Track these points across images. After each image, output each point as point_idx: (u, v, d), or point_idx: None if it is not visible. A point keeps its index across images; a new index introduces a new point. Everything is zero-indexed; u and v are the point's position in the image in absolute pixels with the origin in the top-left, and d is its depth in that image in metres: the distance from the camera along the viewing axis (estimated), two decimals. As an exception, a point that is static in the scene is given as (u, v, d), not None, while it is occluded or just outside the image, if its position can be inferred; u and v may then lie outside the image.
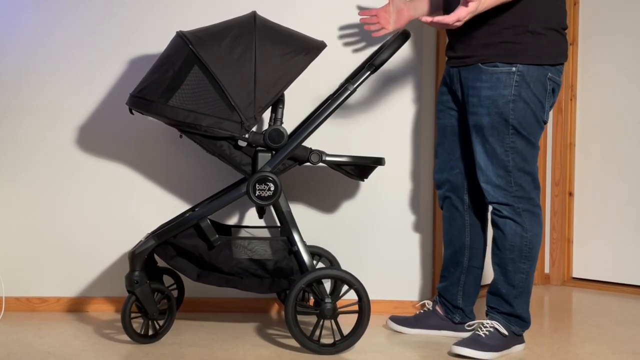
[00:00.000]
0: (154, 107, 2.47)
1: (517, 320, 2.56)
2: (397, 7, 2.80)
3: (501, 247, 2.54)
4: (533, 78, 2.45)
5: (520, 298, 2.55)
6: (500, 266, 2.55)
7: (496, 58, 2.45)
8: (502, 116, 2.45)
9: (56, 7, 3.03)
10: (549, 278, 3.86)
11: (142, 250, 2.54)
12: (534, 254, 2.54)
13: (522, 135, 2.47)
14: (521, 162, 2.48)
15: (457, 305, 2.74)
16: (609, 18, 3.70)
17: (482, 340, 2.49)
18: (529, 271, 2.55)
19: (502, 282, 2.55)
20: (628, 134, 3.65)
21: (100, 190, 3.05)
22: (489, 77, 2.46)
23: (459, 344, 2.48)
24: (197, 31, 2.53)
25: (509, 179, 2.48)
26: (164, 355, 2.47)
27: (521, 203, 2.50)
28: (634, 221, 3.63)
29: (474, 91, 2.49)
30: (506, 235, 2.52)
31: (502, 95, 2.44)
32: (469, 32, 2.49)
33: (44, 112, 3.04)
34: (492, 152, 2.48)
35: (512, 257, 2.52)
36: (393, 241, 3.09)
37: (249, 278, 2.57)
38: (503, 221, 2.52)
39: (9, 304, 3.03)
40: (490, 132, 2.47)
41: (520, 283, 2.54)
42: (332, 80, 2.99)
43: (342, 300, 2.62)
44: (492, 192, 2.51)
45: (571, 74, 3.79)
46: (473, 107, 2.50)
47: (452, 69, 2.60)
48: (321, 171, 3.06)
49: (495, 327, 2.52)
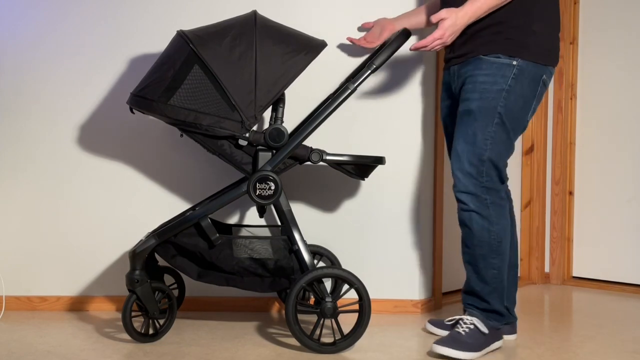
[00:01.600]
0: (155, 106, 2.47)
1: (494, 315, 2.57)
2: (383, 26, 2.89)
3: (470, 245, 2.55)
4: (530, 75, 2.49)
5: (495, 293, 2.57)
6: (471, 264, 2.57)
7: (499, 50, 2.49)
8: (492, 102, 2.48)
9: (56, 7, 3.03)
10: (549, 277, 3.86)
11: (142, 249, 2.54)
12: (503, 248, 2.55)
13: (505, 127, 2.50)
14: (496, 155, 2.51)
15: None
16: (608, 17, 3.70)
17: (462, 339, 2.48)
18: (500, 266, 2.56)
19: (474, 280, 2.57)
20: (628, 133, 3.65)
21: (100, 189, 3.06)
22: (488, 66, 2.50)
23: (440, 342, 2.47)
24: (197, 30, 2.53)
25: (482, 168, 2.51)
26: (164, 354, 2.47)
27: (489, 194, 2.52)
28: (634, 220, 3.63)
29: (471, 79, 2.53)
30: (473, 232, 2.53)
31: (498, 82, 2.48)
32: (472, 31, 2.53)
33: (44, 111, 3.04)
34: (472, 138, 2.50)
35: (482, 253, 2.53)
36: (393, 240, 3.10)
37: (249, 277, 2.57)
38: (469, 216, 2.52)
39: (10, 302, 3.03)
40: (476, 116, 2.50)
41: (493, 279, 2.55)
42: (332, 80, 2.99)
43: (343, 300, 2.62)
44: (462, 180, 2.52)
45: (571, 73, 3.79)
46: (467, 93, 2.53)
47: (453, 67, 2.62)
48: (322, 170, 3.06)
49: (475, 324, 2.52)
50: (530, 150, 3.82)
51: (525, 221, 3.83)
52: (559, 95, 3.81)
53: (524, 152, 3.83)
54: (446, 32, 2.44)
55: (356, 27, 3.03)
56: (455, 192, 2.56)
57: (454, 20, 2.43)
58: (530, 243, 3.84)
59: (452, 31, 2.45)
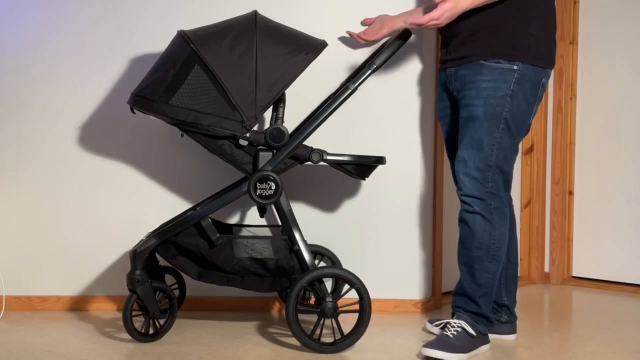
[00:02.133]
0: (156, 106, 2.47)
1: (482, 320, 2.57)
2: (383, 22, 2.90)
3: (468, 246, 2.55)
4: (530, 79, 2.49)
5: (485, 298, 2.57)
6: (467, 265, 2.57)
7: (499, 55, 2.48)
8: (498, 108, 2.48)
9: (56, 6, 3.03)
10: (549, 277, 3.86)
11: (143, 249, 2.54)
12: (500, 254, 2.55)
13: (510, 132, 2.50)
14: (502, 160, 2.51)
15: (502, 303, 2.74)
16: (608, 17, 3.70)
17: (450, 341, 2.48)
18: (495, 271, 2.56)
19: (468, 282, 2.57)
20: (628, 132, 3.66)
21: (101, 189, 3.06)
22: (490, 72, 2.48)
23: (428, 345, 2.47)
24: (198, 30, 2.53)
25: (487, 174, 2.51)
26: (164, 354, 2.47)
27: (493, 200, 2.52)
28: (634, 220, 3.64)
29: (473, 84, 2.52)
30: (475, 233, 2.53)
31: (501, 88, 2.47)
32: (469, 34, 2.52)
33: (45, 111, 3.04)
34: (478, 143, 2.50)
35: (479, 255, 2.53)
36: (394, 240, 3.10)
37: (250, 277, 2.57)
38: (472, 217, 2.52)
39: (10, 302, 3.03)
40: (482, 123, 2.49)
41: (486, 282, 2.55)
42: (333, 80, 2.99)
43: (343, 300, 2.62)
44: (468, 185, 2.52)
45: (571, 73, 3.79)
46: (469, 99, 2.52)
47: (449, 69, 2.61)
48: (322, 170, 3.06)
49: (463, 327, 2.52)
50: (530, 150, 3.82)
51: (525, 221, 3.83)
52: (558, 96, 3.81)
53: (524, 152, 3.83)
54: (444, 14, 2.40)
55: (356, 27, 3.03)
56: (460, 195, 2.56)
57: (454, 3, 2.40)
58: (530, 243, 3.84)
59: (449, 14, 2.42)
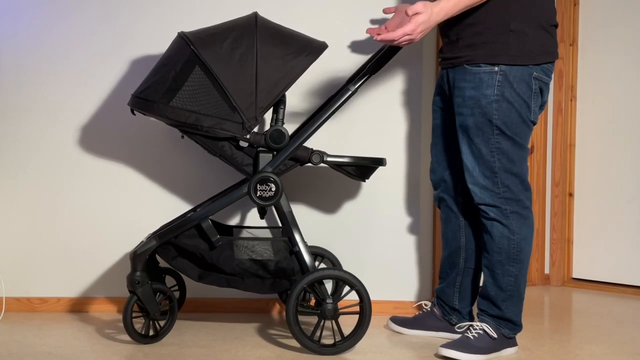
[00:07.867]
0: (156, 107, 2.47)
1: (506, 324, 2.54)
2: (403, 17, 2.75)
3: (489, 250, 2.53)
4: (517, 78, 2.41)
5: (510, 301, 2.53)
6: (489, 269, 2.54)
7: (480, 58, 2.42)
8: (486, 116, 2.43)
9: (56, 7, 3.03)
10: (549, 279, 3.86)
11: (143, 251, 2.54)
12: (522, 257, 2.51)
13: (507, 136, 2.45)
14: (507, 163, 2.47)
15: (453, 306, 2.74)
16: (608, 18, 3.71)
17: (470, 343, 2.47)
18: (517, 274, 2.52)
19: (490, 285, 2.54)
20: (628, 134, 3.66)
21: (101, 190, 3.05)
22: (472, 77, 2.44)
23: (447, 345, 2.47)
24: (198, 32, 2.53)
25: (496, 180, 2.47)
26: (164, 355, 2.47)
27: (509, 205, 2.48)
28: (634, 222, 3.64)
29: (459, 91, 2.49)
30: (493, 238, 2.50)
31: (485, 95, 2.42)
32: (455, 34, 2.49)
33: (44, 112, 3.04)
34: (477, 152, 2.47)
35: (499, 259, 2.51)
36: (393, 242, 3.10)
37: (250, 278, 2.57)
38: (490, 223, 2.50)
39: (10, 304, 3.03)
40: (475, 132, 2.46)
41: (509, 286, 2.52)
42: (333, 81, 2.99)
43: (344, 301, 2.62)
44: (478, 194, 2.50)
45: (571, 74, 3.79)
46: (458, 107, 2.50)
47: (443, 70, 2.61)
48: (322, 172, 3.06)
49: (485, 330, 2.51)
50: (530, 152, 3.82)
51: (525, 222, 3.83)
52: (559, 97, 3.81)
53: (524, 154, 3.83)
54: (418, 28, 2.34)
55: (356, 27, 3.03)
56: (474, 203, 2.53)
57: (428, 16, 2.33)
58: (530, 244, 3.84)
59: (423, 28, 2.35)
